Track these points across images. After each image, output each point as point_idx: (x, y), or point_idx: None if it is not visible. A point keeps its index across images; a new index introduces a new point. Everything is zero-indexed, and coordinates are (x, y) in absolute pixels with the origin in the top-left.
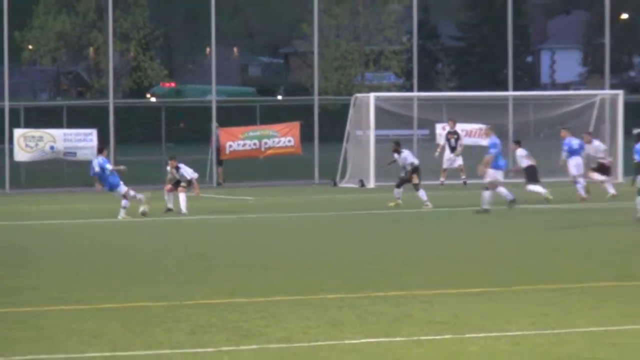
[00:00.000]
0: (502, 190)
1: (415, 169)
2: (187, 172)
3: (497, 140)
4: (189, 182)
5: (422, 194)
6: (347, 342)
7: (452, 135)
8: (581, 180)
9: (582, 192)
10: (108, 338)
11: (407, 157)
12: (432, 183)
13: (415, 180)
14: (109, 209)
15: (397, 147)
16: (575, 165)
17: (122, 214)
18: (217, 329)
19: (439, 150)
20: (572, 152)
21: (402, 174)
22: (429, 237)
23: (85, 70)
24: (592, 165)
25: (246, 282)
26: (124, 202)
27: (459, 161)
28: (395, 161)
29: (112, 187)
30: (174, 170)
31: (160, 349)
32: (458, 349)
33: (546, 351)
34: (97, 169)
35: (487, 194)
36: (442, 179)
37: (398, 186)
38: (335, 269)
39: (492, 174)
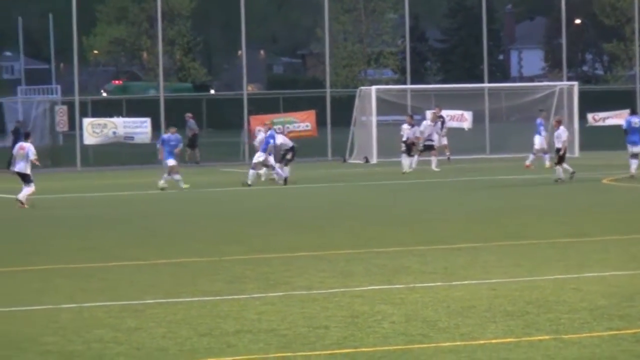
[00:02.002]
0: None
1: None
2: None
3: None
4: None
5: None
6: (356, 289)
7: (439, 118)
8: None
9: (547, 162)
10: (161, 287)
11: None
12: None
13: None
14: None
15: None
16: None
17: (181, 184)
18: (249, 280)
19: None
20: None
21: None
22: (416, 202)
23: (139, 69)
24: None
25: (273, 241)
26: (177, 176)
27: (444, 140)
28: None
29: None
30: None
31: (204, 296)
32: (446, 294)
33: (519, 295)
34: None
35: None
36: (447, 153)
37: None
38: (344, 230)
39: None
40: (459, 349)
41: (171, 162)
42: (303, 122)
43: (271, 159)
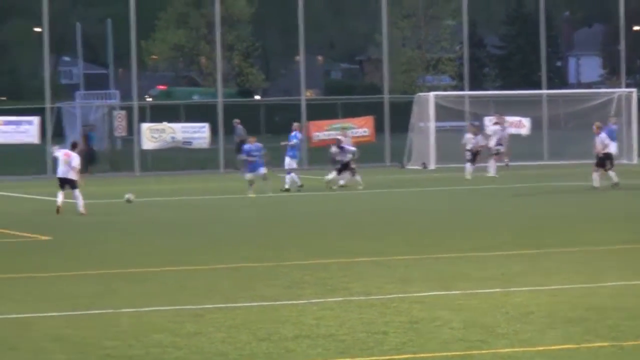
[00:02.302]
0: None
1: None
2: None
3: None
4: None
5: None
6: (414, 294)
7: (497, 125)
8: None
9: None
10: (220, 292)
11: (349, 149)
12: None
13: None
14: (217, 188)
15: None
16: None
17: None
18: (308, 285)
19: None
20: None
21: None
22: (475, 209)
23: (197, 74)
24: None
25: (332, 246)
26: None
27: (503, 147)
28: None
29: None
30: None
31: (263, 301)
32: (505, 300)
33: (578, 302)
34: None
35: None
36: (506, 159)
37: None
38: (403, 235)
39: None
40: (518, 355)
41: (262, 170)
42: (361, 128)
43: (292, 163)
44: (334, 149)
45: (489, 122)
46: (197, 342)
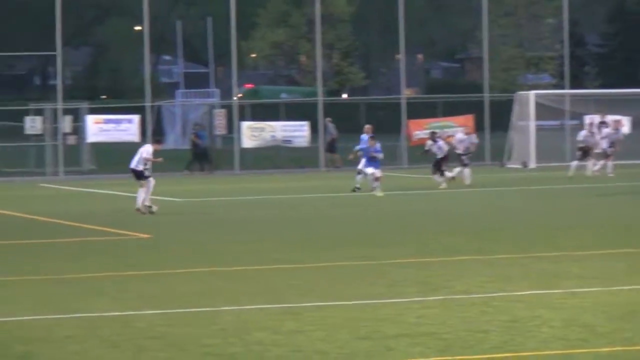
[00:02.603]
0: None
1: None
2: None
3: None
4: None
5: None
6: (515, 293)
7: (603, 124)
8: None
9: None
10: (320, 291)
11: (442, 146)
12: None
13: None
14: (318, 186)
15: (433, 136)
16: None
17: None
18: (409, 283)
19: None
20: None
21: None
22: (577, 208)
23: (297, 73)
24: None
25: (432, 244)
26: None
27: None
28: (428, 150)
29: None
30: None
31: (363, 299)
32: (607, 299)
33: None
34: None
35: None
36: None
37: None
38: (504, 234)
39: None
40: (619, 354)
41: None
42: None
43: (361, 164)
44: (429, 143)
45: (589, 120)
46: (297, 340)
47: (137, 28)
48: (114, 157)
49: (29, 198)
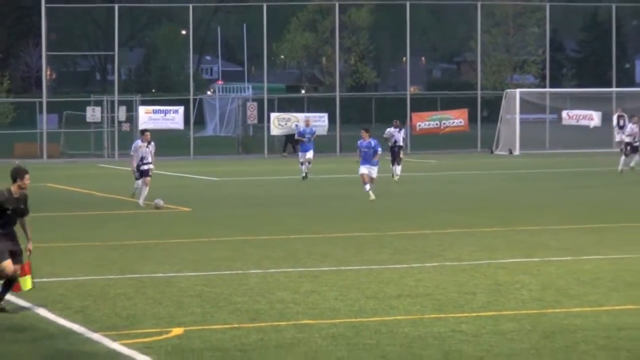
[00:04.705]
0: None
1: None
2: None
3: None
4: None
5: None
6: (499, 261)
7: (621, 118)
8: None
9: None
10: (334, 257)
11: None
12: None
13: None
14: (334, 169)
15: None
16: None
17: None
18: (409, 252)
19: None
20: None
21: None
22: (553, 189)
23: (319, 72)
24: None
25: (429, 219)
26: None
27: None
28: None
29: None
30: None
31: (370, 265)
32: (577, 267)
33: (638, 269)
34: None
35: None
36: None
37: None
38: (491, 211)
39: None
40: (587, 314)
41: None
42: (457, 119)
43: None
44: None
45: (565, 115)
46: (314, 299)
47: (183, 32)
48: (161, 142)
49: (90, 176)
